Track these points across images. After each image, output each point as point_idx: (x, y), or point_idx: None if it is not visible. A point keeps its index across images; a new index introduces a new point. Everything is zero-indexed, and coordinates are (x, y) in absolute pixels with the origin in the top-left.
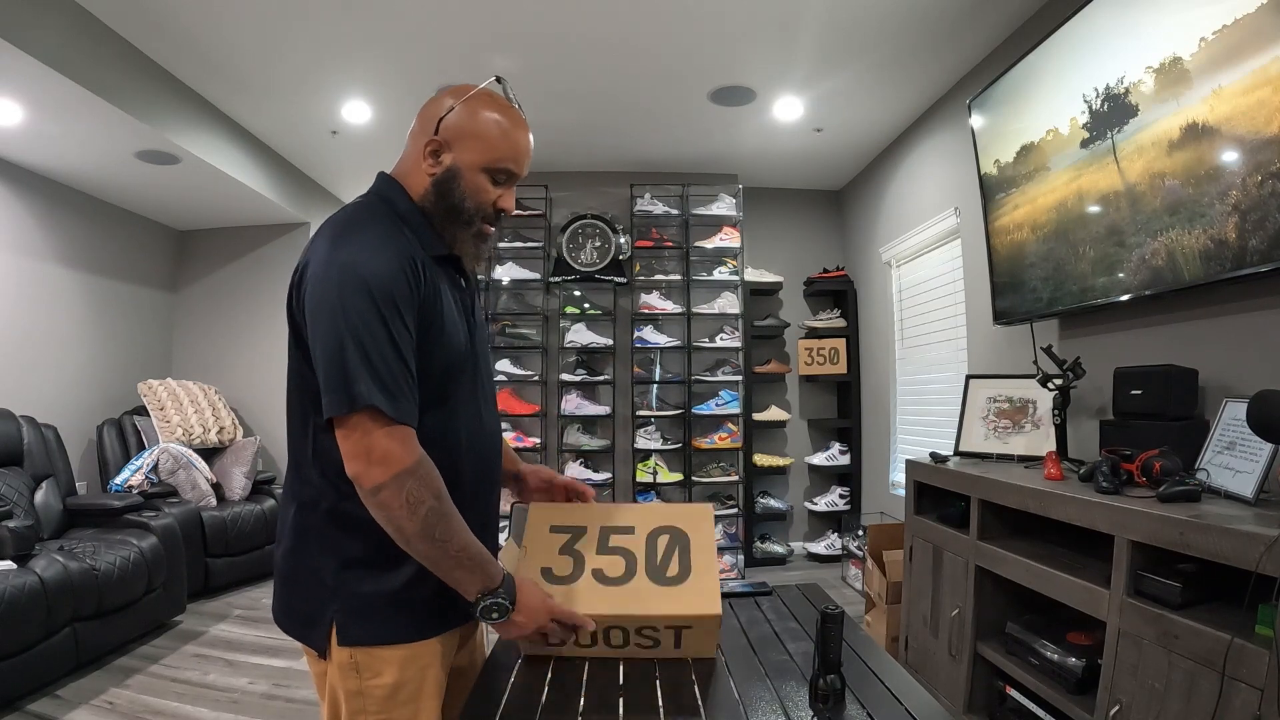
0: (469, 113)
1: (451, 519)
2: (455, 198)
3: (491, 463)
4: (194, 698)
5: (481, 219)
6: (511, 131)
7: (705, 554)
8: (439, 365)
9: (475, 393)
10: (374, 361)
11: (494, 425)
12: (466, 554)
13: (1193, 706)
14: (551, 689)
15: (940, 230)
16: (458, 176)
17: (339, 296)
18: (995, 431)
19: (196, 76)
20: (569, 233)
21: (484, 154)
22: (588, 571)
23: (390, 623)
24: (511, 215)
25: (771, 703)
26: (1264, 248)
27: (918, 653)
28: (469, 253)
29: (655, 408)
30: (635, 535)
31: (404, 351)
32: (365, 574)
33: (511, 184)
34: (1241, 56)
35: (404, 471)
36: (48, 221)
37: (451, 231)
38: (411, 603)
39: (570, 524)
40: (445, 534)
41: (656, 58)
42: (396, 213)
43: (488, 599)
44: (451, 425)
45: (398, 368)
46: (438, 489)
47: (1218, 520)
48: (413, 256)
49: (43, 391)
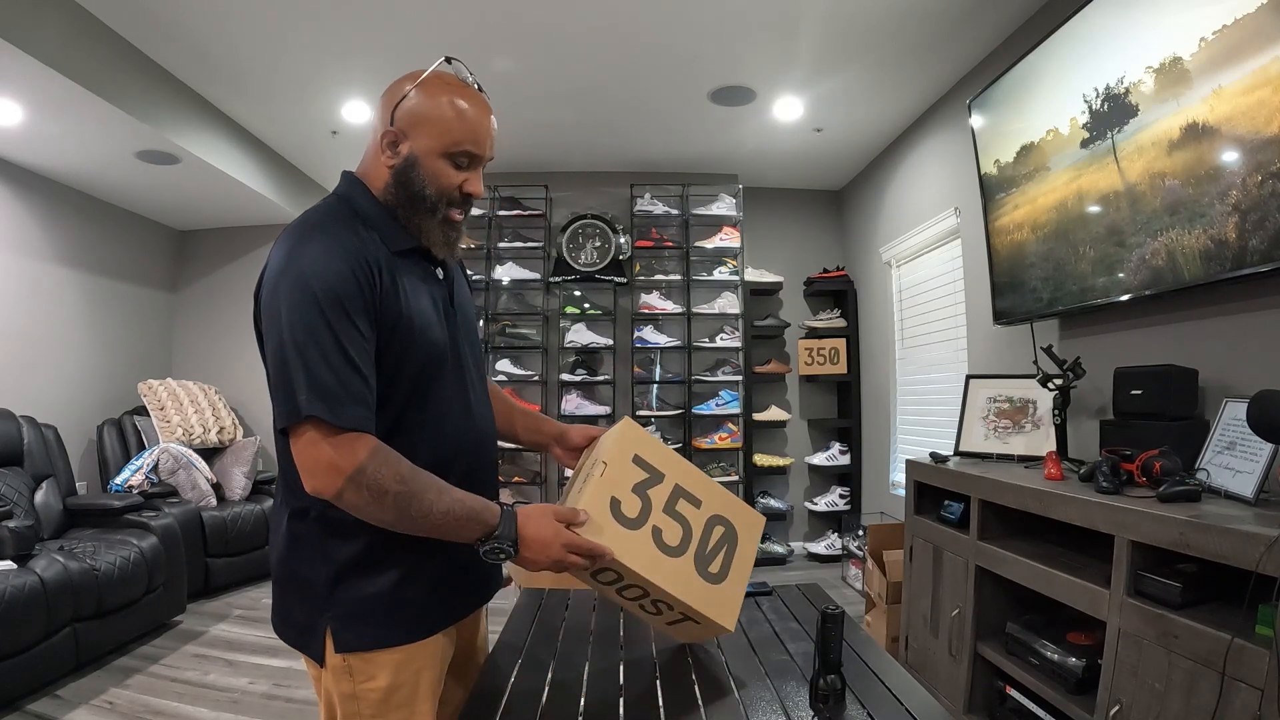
0: (422, 98)
1: (423, 495)
2: (416, 186)
3: (484, 454)
4: (194, 698)
5: (447, 205)
6: (468, 112)
7: (744, 565)
8: (414, 362)
9: (461, 384)
10: (315, 371)
11: (485, 416)
12: (452, 516)
13: (1193, 707)
14: (552, 689)
15: (940, 230)
16: (416, 165)
17: (284, 308)
18: (995, 431)
19: (196, 77)
20: (569, 233)
21: (440, 138)
22: (649, 526)
23: (383, 626)
24: (480, 198)
25: (772, 703)
26: (1264, 247)
27: (918, 653)
28: (437, 241)
29: (655, 408)
30: (700, 511)
31: (353, 355)
32: (357, 578)
33: (476, 167)
34: (1241, 56)
35: (355, 472)
36: (48, 221)
37: (416, 222)
38: (404, 604)
39: (653, 464)
40: (421, 510)
41: (657, 57)
42: (356, 211)
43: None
44: (435, 420)
45: (344, 373)
46: (398, 474)
47: (1218, 520)
48: (366, 258)
49: (43, 391)
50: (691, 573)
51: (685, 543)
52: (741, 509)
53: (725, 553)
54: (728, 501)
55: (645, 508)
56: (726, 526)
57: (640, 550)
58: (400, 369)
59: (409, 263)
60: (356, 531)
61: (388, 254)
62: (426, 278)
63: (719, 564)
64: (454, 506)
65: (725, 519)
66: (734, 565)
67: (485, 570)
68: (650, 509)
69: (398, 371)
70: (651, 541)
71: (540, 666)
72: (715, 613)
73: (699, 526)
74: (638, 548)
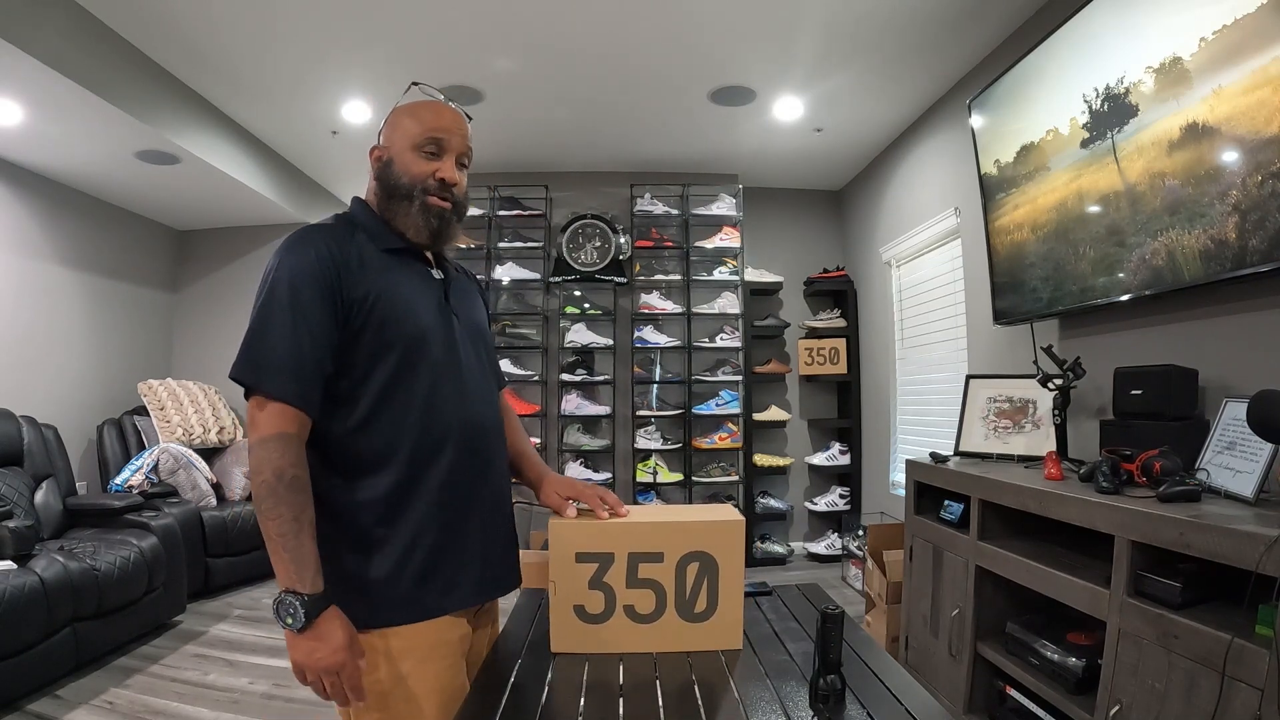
0: (396, 114)
1: (282, 501)
2: (393, 179)
3: (483, 454)
4: (194, 698)
5: (424, 192)
6: (430, 107)
7: (733, 580)
8: (390, 345)
9: (456, 380)
10: (266, 343)
11: (486, 415)
12: (284, 543)
13: (1193, 707)
14: (551, 689)
15: (940, 230)
16: (392, 162)
17: (261, 296)
18: (995, 431)
19: (196, 76)
20: (569, 233)
21: (408, 133)
22: (619, 609)
23: (376, 606)
24: (455, 184)
25: (771, 703)
26: (1264, 248)
27: (918, 653)
28: (419, 227)
29: (655, 408)
30: (665, 564)
31: (301, 334)
32: (351, 558)
33: (447, 156)
34: (1242, 56)
35: (260, 440)
36: (48, 221)
37: (397, 213)
38: (398, 583)
39: (597, 550)
40: (271, 512)
41: (657, 58)
42: (352, 221)
43: (287, 596)
44: (423, 404)
45: (291, 348)
46: (279, 468)
47: (1218, 520)
48: (338, 247)
49: (43, 391)
50: (679, 624)
51: (662, 603)
52: (711, 526)
53: (708, 585)
54: (695, 532)
55: (609, 596)
56: (700, 559)
57: (621, 635)
58: (377, 353)
59: (401, 262)
60: (347, 515)
61: (376, 251)
62: (419, 277)
63: (704, 600)
64: (290, 536)
65: (695, 552)
66: (721, 590)
67: (498, 563)
68: (614, 594)
69: (375, 354)
70: (628, 620)
71: (541, 664)
72: (716, 643)
73: (670, 580)
74: (616, 636)
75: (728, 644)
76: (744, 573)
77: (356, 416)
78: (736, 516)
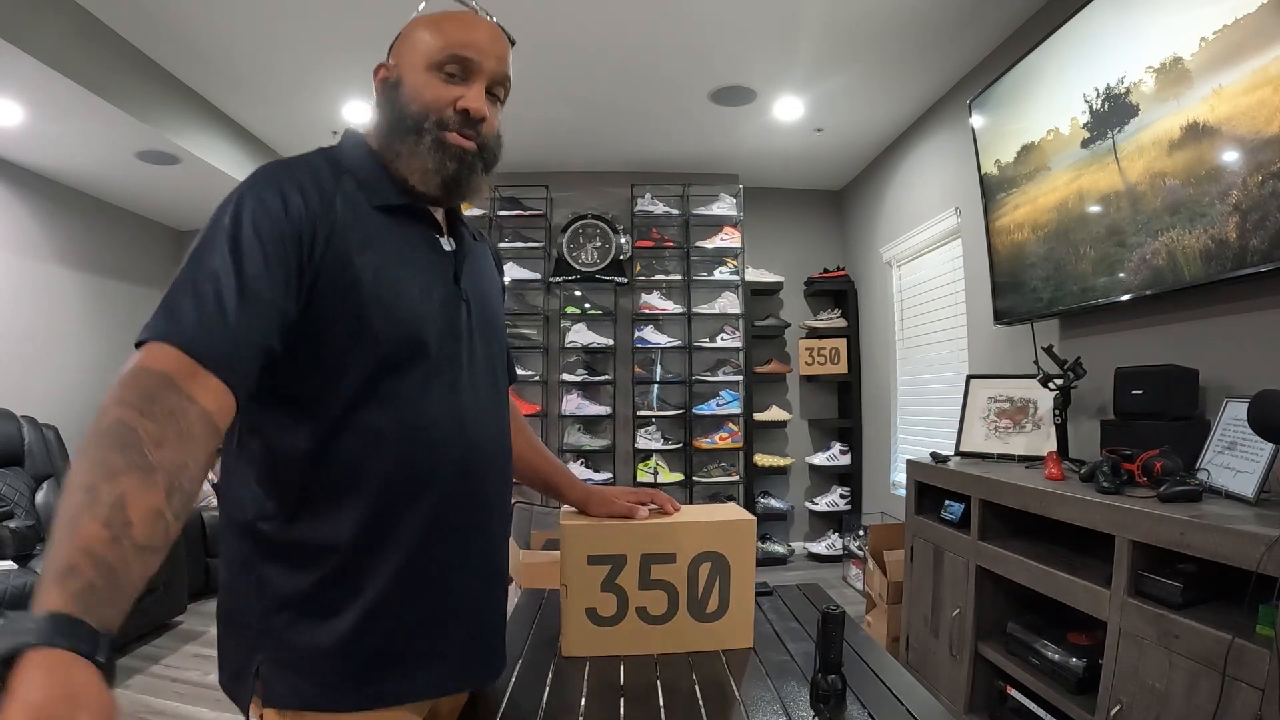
0: (412, 24)
1: (90, 449)
2: (398, 108)
3: (480, 496)
4: (194, 698)
5: (439, 125)
6: (457, 18)
7: (744, 580)
8: (370, 347)
9: (456, 392)
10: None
11: (491, 441)
12: (65, 515)
13: (1193, 707)
14: (551, 689)
15: (941, 230)
16: (398, 85)
17: (200, 239)
18: (996, 431)
19: (196, 76)
20: (569, 233)
21: (425, 49)
22: (632, 611)
23: (323, 684)
24: (481, 118)
25: (772, 703)
26: (1264, 247)
27: (918, 653)
28: (425, 170)
29: (656, 408)
30: (677, 564)
31: (247, 295)
32: (296, 618)
33: (475, 80)
34: (1242, 56)
35: (126, 373)
36: (48, 221)
37: (401, 153)
38: (356, 660)
39: (609, 552)
40: (76, 463)
41: (657, 57)
42: (333, 159)
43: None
44: (402, 435)
45: (229, 305)
46: (124, 399)
47: (1218, 520)
48: (325, 203)
49: (43, 391)
50: (691, 624)
51: (674, 603)
52: (723, 526)
53: (720, 585)
54: (707, 532)
55: (621, 598)
56: (712, 558)
57: (634, 637)
58: (351, 348)
59: (399, 225)
60: (294, 559)
61: (369, 208)
62: (423, 246)
63: (715, 600)
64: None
65: (707, 551)
66: (733, 589)
67: (484, 642)
68: (627, 595)
69: (347, 349)
70: (641, 622)
71: (541, 665)
72: (727, 642)
73: (682, 581)
74: (629, 638)
75: (739, 643)
76: (755, 567)
77: (316, 430)
78: (747, 516)
